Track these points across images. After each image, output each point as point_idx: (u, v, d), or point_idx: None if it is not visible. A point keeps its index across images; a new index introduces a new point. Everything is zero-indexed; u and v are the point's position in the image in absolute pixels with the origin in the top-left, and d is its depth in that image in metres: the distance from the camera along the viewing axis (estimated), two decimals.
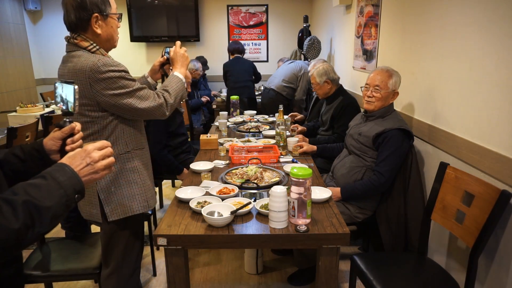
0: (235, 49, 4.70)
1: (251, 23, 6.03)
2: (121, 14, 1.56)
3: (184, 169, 2.79)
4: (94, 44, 1.47)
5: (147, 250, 2.66)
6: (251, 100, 4.62)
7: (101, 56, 1.44)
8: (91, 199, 1.53)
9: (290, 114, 3.51)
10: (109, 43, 1.53)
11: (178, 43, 1.71)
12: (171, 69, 1.70)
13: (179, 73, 1.65)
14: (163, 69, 1.81)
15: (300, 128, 3.19)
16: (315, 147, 2.53)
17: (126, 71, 1.46)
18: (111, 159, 0.97)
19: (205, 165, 2.20)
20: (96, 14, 1.43)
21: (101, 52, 1.49)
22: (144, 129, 1.68)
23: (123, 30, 4.83)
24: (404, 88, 2.33)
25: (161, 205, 3.45)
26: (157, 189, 3.22)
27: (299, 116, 3.57)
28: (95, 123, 1.47)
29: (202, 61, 5.27)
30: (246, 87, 4.56)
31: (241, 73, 4.59)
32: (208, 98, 4.97)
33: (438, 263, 1.77)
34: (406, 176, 2.06)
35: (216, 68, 5.97)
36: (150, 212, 2.32)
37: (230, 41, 5.01)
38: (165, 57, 1.76)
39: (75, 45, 1.46)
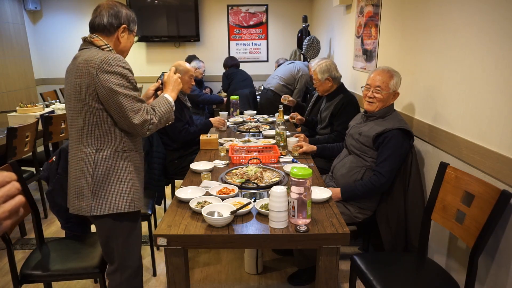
0: (233, 64, 5.06)
1: (251, 23, 6.03)
2: (138, 37, 1.67)
3: (210, 120, 3.07)
4: (108, 46, 1.55)
5: (147, 250, 2.66)
6: (253, 96, 4.76)
7: (112, 53, 1.52)
8: (83, 191, 1.54)
9: (290, 115, 3.39)
10: (122, 54, 1.63)
11: (173, 69, 1.80)
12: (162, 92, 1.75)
13: (169, 96, 1.69)
14: (157, 94, 1.83)
15: (299, 116, 3.19)
16: (315, 147, 2.53)
17: (132, 72, 1.53)
18: (20, 198, 0.64)
19: (205, 165, 2.20)
20: (125, 25, 1.59)
21: (113, 53, 1.55)
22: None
23: None
24: (404, 88, 2.33)
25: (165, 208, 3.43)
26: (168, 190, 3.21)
27: (299, 117, 3.56)
28: (94, 115, 1.49)
29: (192, 57, 5.39)
30: (250, 84, 4.84)
31: (244, 74, 4.92)
32: (225, 99, 4.97)
33: (438, 263, 1.77)
34: (406, 176, 2.06)
35: (216, 68, 5.97)
36: (150, 212, 2.32)
37: (226, 57, 5.25)
38: (159, 81, 1.80)
39: (90, 43, 1.54)
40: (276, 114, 2.68)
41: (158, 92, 1.82)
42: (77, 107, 1.50)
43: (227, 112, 3.48)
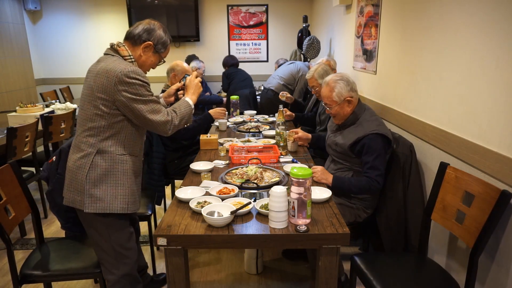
0: (233, 63, 5.06)
1: (251, 23, 6.03)
2: (164, 61, 1.77)
3: (209, 112, 3.01)
4: (132, 57, 1.65)
5: (147, 250, 2.66)
6: (253, 96, 4.76)
7: (133, 64, 1.61)
8: (78, 187, 1.60)
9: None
10: (141, 68, 1.68)
11: (195, 73, 1.92)
12: (183, 95, 1.88)
13: (190, 99, 1.81)
14: (177, 93, 2.03)
15: (288, 112, 3.20)
16: (309, 135, 2.56)
17: (149, 84, 1.62)
18: None
19: (205, 165, 2.20)
20: (151, 43, 1.66)
21: (134, 65, 1.64)
22: (144, 140, 1.78)
23: (123, 30, 4.83)
24: (404, 88, 2.33)
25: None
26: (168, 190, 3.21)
27: (289, 113, 3.50)
28: (103, 118, 1.56)
29: (191, 56, 5.40)
30: (250, 84, 4.85)
31: (244, 74, 4.92)
32: (224, 99, 4.95)
33: (438, 263, 1.77)
34: (406, 176, 2.06)
35: (216, 68, 5.98)
36: (150, 212, 2.32)
37: (226, 56, 5.23)
38: (182, 83, 1.95)
39: (116, 51, 1.64)
40: (276, 114, 2.67)
41: (179, 92, 2.01)
42: (89, 109, 1.57)
43: (227, 112, 3.47)
